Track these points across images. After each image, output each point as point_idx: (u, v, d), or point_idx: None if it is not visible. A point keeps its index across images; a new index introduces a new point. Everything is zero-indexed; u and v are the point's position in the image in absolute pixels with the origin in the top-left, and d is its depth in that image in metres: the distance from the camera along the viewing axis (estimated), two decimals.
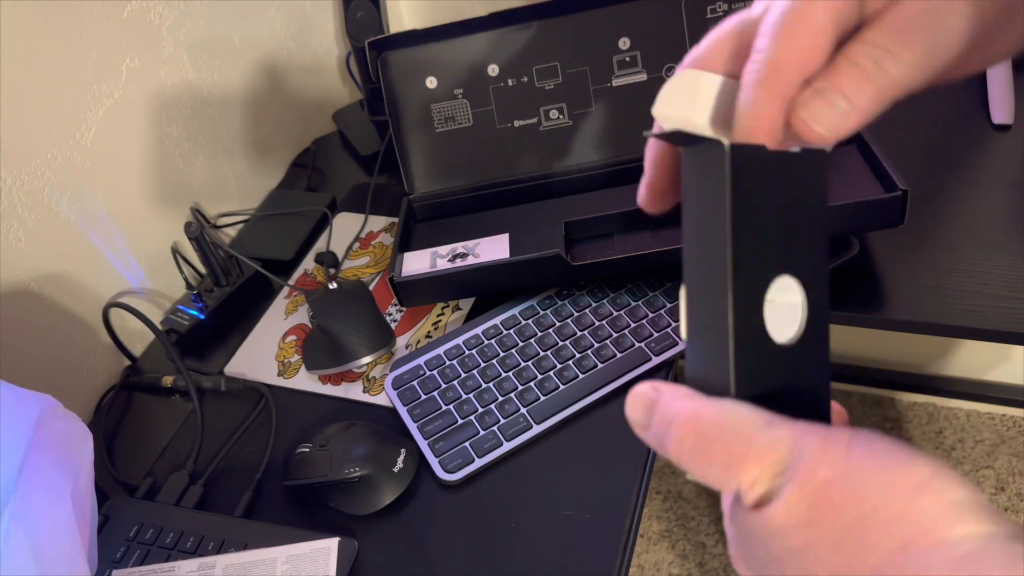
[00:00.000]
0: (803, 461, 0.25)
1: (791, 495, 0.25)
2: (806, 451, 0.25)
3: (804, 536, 0.25)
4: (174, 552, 0.64)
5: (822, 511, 0.25)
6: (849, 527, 0.24)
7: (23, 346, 0.73)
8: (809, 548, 0.25)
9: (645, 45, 0.78)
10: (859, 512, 0.24)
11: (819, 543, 0.25)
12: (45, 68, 0.72)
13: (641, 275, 0.75)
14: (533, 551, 0.61)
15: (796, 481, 0.25)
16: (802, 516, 0.25)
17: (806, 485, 0.25)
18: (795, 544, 0.25)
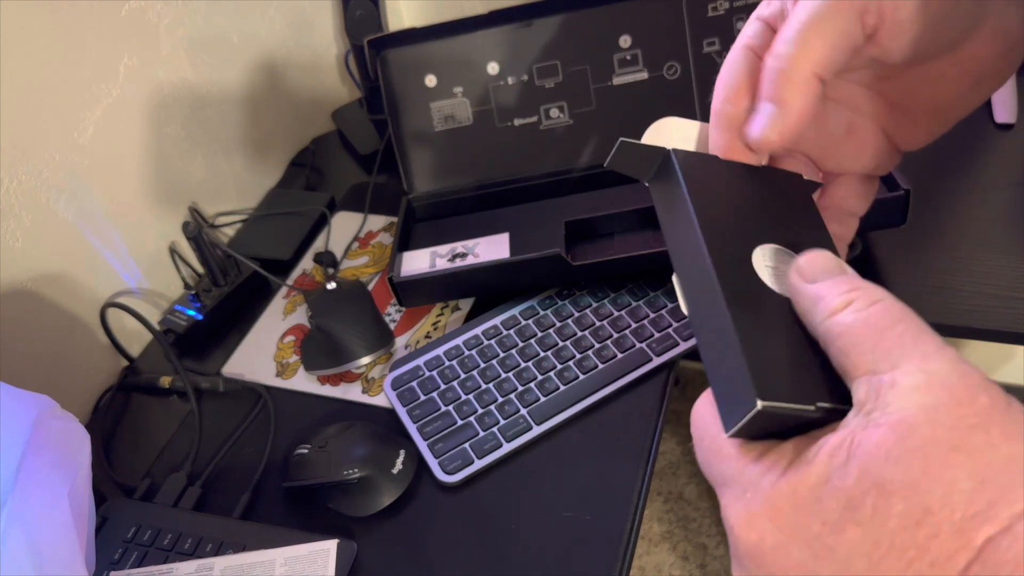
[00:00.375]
0: (963, 387, 0.24)
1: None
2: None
3: (947, 457, 0.23)
4: (172, 553, 0.64)
5: (978, 437, 0.23)
6: (1007, 462, 0.22)
7: (20, 346, 0.73)
8: (952, 469, 0.23)
9: (646, 43, 0.78)
10: (1017, 452, 0.22)
11: (966, 468, 0.23)
12: (43, 67, 0.71)
13: (642, 275, 0.75)
14: (533, 553, 0.60)
15: (955, 403, 0.23)
16: (952, 439, 0.23)
17: (965, 404, 0.23)
18: (930, 462, 0.23)
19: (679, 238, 0.31)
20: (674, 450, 1.51)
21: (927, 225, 0.75)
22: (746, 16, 0.76)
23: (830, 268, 0.28)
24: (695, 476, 1.47)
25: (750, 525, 0.26)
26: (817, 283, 0.28)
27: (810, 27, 0.31)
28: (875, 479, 0.23)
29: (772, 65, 0.31)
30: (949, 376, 0.24)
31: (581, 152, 0.81)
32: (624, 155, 0.34)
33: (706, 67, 0.78)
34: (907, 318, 0.26)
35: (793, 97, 0.31)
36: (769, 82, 0.31)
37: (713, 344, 0.29)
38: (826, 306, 0.27)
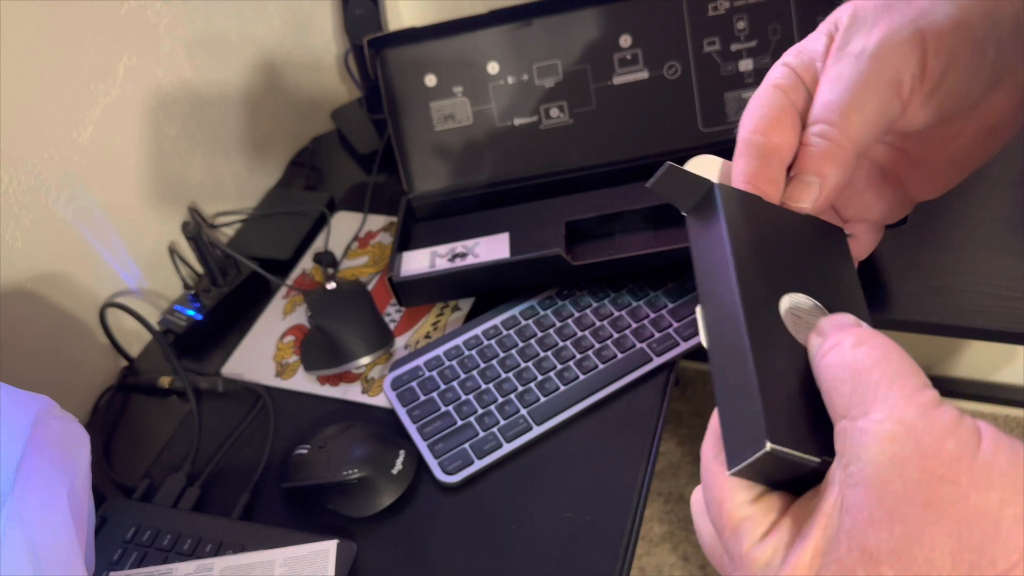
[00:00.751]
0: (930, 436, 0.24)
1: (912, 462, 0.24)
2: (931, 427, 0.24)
3: (920, 516, 0.23)
4: (171, 554, 0.64)
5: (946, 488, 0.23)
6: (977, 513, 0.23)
7: (20, 346, 0.72)
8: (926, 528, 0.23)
9: (646, 43, 0.78)
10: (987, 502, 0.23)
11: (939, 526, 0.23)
12: (42, 66, 0.71)
13: (642, 275, 0.75)
14: (533, 553, 0.60)
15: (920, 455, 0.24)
16: (922, 494, 0.23)
17: (932, 457, 0.23)
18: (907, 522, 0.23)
19: (710, 271, 0.32)
20: (674, 450, 1.51)
21: (928, 225, 0.75)
22: (746, 16, 0.76)
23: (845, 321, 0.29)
24: (695, 477, 1.47)
25: None
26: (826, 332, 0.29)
27: (851, 105, 0.32)
28: (862, 546, 0.24)
29: (815, 142, 0.32)
30: (916, 424, 0.24)
31: (581, 152, 0.80)
32: (668, 180, 0.34)
33: (706, 67, 0.78)
34: (887, 361, 0.26)
35: (834, 174, 0.32)
36: (811, 157, 0.33)
37: (729, 382, 0.29)
38: (823, 347, 0.28)
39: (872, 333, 0.27)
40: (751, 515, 0.28)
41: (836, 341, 0.27)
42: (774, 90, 0.35)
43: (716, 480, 0.29)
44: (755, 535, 0.27)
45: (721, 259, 0.31)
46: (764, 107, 0.34)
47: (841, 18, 0.34)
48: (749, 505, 0.28)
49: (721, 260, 0.31)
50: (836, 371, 0.27)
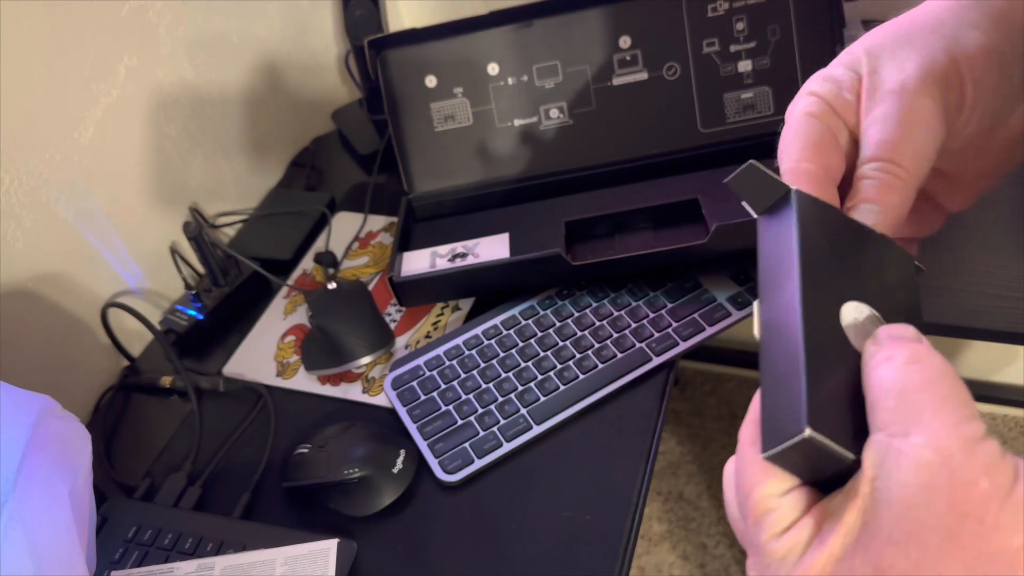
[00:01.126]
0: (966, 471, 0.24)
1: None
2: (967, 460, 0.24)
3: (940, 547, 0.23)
4: (172, 553, 0.64)
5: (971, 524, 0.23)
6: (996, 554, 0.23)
7: (21, 346, 0.73)
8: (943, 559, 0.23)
9: (646, 44, 0.78)
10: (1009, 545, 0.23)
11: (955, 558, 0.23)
12: (43, 67, 0.71)
13: (642, 275, 0.75)
14: (533, 552, 0.60)
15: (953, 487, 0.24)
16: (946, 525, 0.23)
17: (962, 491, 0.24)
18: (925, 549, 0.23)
19: (775, 270, 0.32)
20: (674, 450, 1.51)
21: None
22: (745, 17, 0.76)
23: (905, 336, 0.29)
24: (695, 476, 1.47)
25: None
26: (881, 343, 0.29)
27: (905, 140, 0.32)
28: (876, 563, 0.24)
29: (875, 175, 0.32)
30: (954, 456, 0.24)
31: (581, 152, 0.81)
32: (747, 178, 0.34)
33: (706, 67, 0.78)
34: (937, 384, 0.26)
35: (896, 204, 0.32)
36: (872, 188, 0.32)
37: (777, 372, 0.29)
38: (875, 359, 0.28)
39: (929, 352, 0.27)
40: (776, 508, 0.28)
41: (890, 354, 0.27)
42: (810, 118, 0.35)
43: (749, 466, 0.29)
44: (776, 529, 0.27)
45: (788, 258, 0.31)
46: (805, 135, 0.34)
47: (861, 56, 0.35)
48: (776, 498, 0.28)
49: (788, 259, 0.31)
50: (885, 383, 0.27)
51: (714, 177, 0.77)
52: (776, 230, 0.33)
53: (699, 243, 0.68)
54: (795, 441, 0.27)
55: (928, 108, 0.32)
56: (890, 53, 0.33)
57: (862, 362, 0.29)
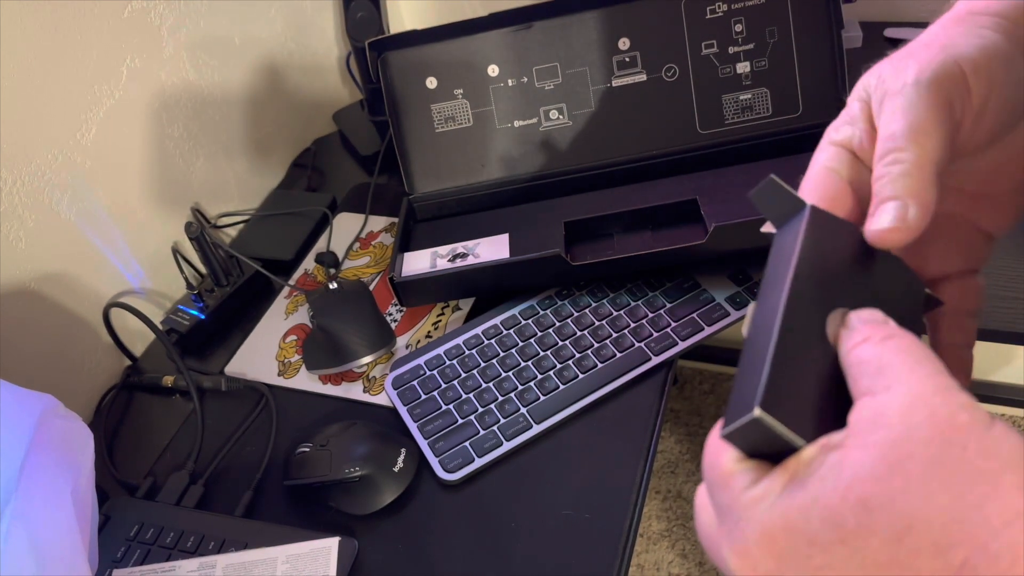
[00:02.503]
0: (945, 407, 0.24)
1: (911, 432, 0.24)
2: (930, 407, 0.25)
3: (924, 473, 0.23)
4: (174, 552, 0.64)
5: (954, 451, 0.23)
6: (977, 476, 0.23)
7: (24, 346, 0.73)
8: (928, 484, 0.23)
9: (645, 45, 0.78)
10: (990, 468, 0.23)
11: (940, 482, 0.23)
12: (46, 68, 0.72)
13: (641, 275, 0.75)
14: (533, 550, 0.61)
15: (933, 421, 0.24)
16: (929, 454, 0.24)
17: (943, 423, 0.24)
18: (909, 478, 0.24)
19: (773, 278, 0.32)
20: (673, 448, 1.51)
21: None
22: (744, 19, 0.76)
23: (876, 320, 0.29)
24: (693, 474, 1.48)
25: (744, 556, 0.26)
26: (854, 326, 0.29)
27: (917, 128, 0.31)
28: (859, 495, 0.24)
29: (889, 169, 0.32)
30: (933, 397, 0.25)
31: (580, 153, 0.81)
32: (768, 192, 0.34)
33: (704, 69, 0.78)
34: (911, 350, 0.27)
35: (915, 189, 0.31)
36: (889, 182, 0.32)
37: (747, 363, 0.30)
38: (852, 339, 0.28)
39: (902, 331, 0.28)
40: (744, 469, 0.28)
41: (867, 335, 0.28)
42: (827, 173, 0.35)
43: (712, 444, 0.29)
44: (746, 481, 0.27)
45: (785, 265, 0.32)
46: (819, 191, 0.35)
47: (870, 81, 0.35)
48: (742, 462, 0.28)
49: (785, 265, 0.32)
50: (864, 359, 0.27)
51: (713, 178, 0.77)
52: (785, 240, 0.33)
53: (698, 243, 0.69)
54: (745, 420, 0.27)
55: (935, 98, 0.32)
56: (893, 70, 0.34)
57: (839, 348, 0.29)
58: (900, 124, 0.32)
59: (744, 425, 0.27)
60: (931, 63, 0.32)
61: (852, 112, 0.35)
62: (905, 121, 0.32)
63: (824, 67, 0.77)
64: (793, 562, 0.25)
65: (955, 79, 0.32)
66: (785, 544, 0.25)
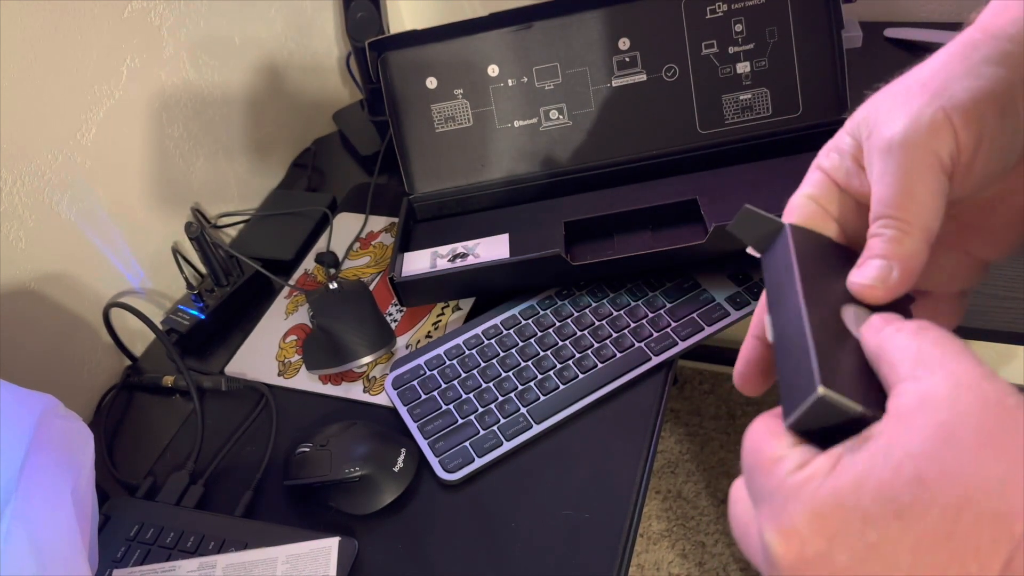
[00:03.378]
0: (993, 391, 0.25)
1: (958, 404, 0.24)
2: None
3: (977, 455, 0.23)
4: (174, 552, 0.64)
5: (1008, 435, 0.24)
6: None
7: (24, 346, 0.73)
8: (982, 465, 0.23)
9: (645, 45, 0.78)
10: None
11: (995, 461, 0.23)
12: (46, 68, 0.72)
13: (641, 275, 0.75)
14: (533, 550, 0.61)
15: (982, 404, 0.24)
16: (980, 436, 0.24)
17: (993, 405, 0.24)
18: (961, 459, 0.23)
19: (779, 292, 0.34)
20: (673, 448, 1.51)
21: None
22: (744, 19, 0.76)
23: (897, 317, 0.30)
24: (693, 474, 1.48)
25: (790, 537, 0.26)
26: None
27: (904, 195, 0.32)
28: (913, 472, 0.24)
29: (881, 232, 0.33)
30: (980, 383, 0.25)
31: (580, 153, 0.81)
32: (745, 221, 0.36)
33: (704, 69, 0.78)
34: (950, 341, 0.27)
35: (904, 256, 0.32)
36: (878, 243, 0.33)
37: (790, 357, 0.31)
38: (885, 326, 0.29)
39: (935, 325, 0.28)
40: (787, 455, 0.28)
41: (900, 326, 0.28)
42: (804, 200, 0.36)
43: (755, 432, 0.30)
44: (792, 465, 0.27)
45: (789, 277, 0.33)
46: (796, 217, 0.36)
47: (864, 119, 0.35)
48: (788, 448, 0.28)
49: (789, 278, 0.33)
50: (901, 346, 0.28)
51: (713, 178, 0.78)
52: (776, 260, 0.35)
53: (698, 243, 0.69)
54: (811, 400, 0.28)
55: (922, 160, 0.32)
56: (885, 114, 0.34)
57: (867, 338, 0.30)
58: (890, 189, 0.33)
59: (810, 406, 0.28)
60: (921, 116, 0.32)
61: (841, 145, 0.36)
62: (896, 185, 0.32)
63: (824, 67, 0.77)
64: (846, 540, 0.24)
65: (943, 134, 0.32)
66: (837, 522, 0.25)
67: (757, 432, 0.29)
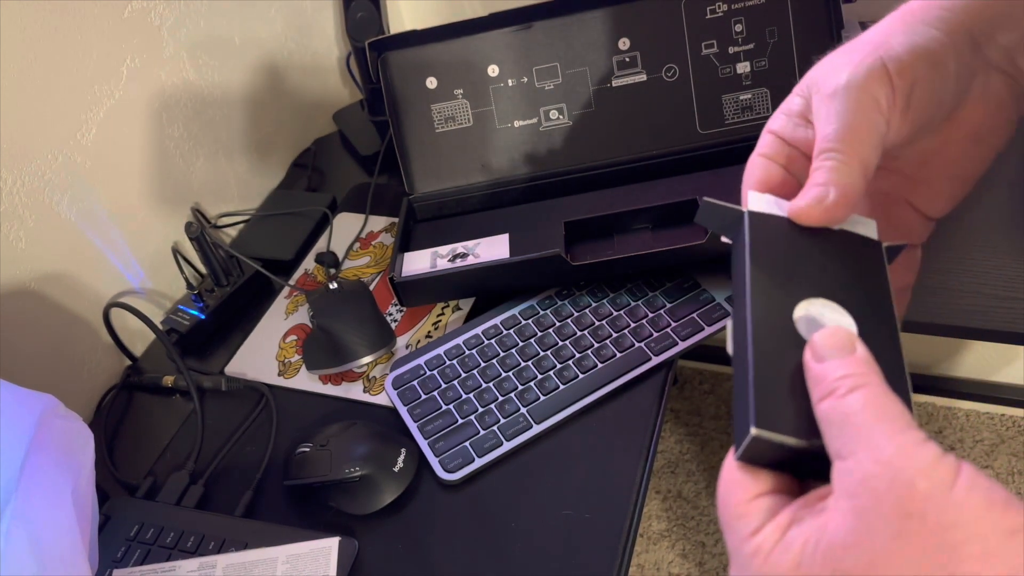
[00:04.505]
0: (905, 474, 0.26)
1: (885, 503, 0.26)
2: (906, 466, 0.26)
3: (887, 545, 0.26)
4: (175, 552, 0.64)
5: (914, 523, 0.25)
6: (937, 547, 0.25)
7: (24, 346, 0.73)
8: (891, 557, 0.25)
9: (645, 46, 0.78)
10: (950, 539, 0.25)
11: (902, 555, 0.25)
12: (46, 68, 0.72)
13: (641, 275, 0.75)
14: (533, 551, 0.61)
15: (894, 491, 0.26)
16: (892, 526, 0.26)
17: (903, 493, 0.26)
18: (875, 550, 0.26)
19: (737, 287, 0.35)
20: (673, 448, 1.51)
21: None
22: (744, 19, 0.76)
23: (840, 347, 0.31)
24: (693, 475, 1.48)
25: None
26: (823, 362, 0.30)
27: (846, 130, 0.35)
28: (835, 567, 0.26)
29: (822, 163, 0.36)
30: (893, 462, 0.26)
31: (580, 153, 0.81)
32: (708, 213, 0.38)
33: (704, 69, 0.78)
34: (872, 403, 0.28)
35: (843, 183, 0.35)
36: (819, 171, 0.35)
37: (738, 381, 0.32)
38: (819, 390, 0.30)
39: (864, 373, 0.29)
40: (745, 514, 0.30)
41: (831, 388, 0.29)
42: (759, 159, 0.39)
43: (724, 475, 0.32)
44: (746, 532, 0.30)
45: (742, 275, 0.34)
46: (752, 175, 0.39)
47: (812, 78, 0.39)
48: (746, 504, 0.31)
49: (742, 275, 0.34)
50: (830, 415, 0.29)
51: (713, 178, 0.78)
52: (737, 252, 0.36)
53: (697, 243, 0.69)
54: (748, 441, 0.30)
55: (862, 100, 0.36)
56: (831, 69, 0.38)
57: (809, 384, 0.31)
58: (833, 126, 0.36)
59: (748, 445, 0.30)
60: (861, 65, 0.36)
61: (791, 106, 0.40)
62: (838, 123, 0.36)
63: None
64: None
65: (881, 80, 0.36)
66: None
67: (725, 477, 0.32)
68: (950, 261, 0.73)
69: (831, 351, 0.30)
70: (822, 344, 0.31)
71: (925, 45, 0.37)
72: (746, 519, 0.30)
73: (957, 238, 0.75)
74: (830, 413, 0.29)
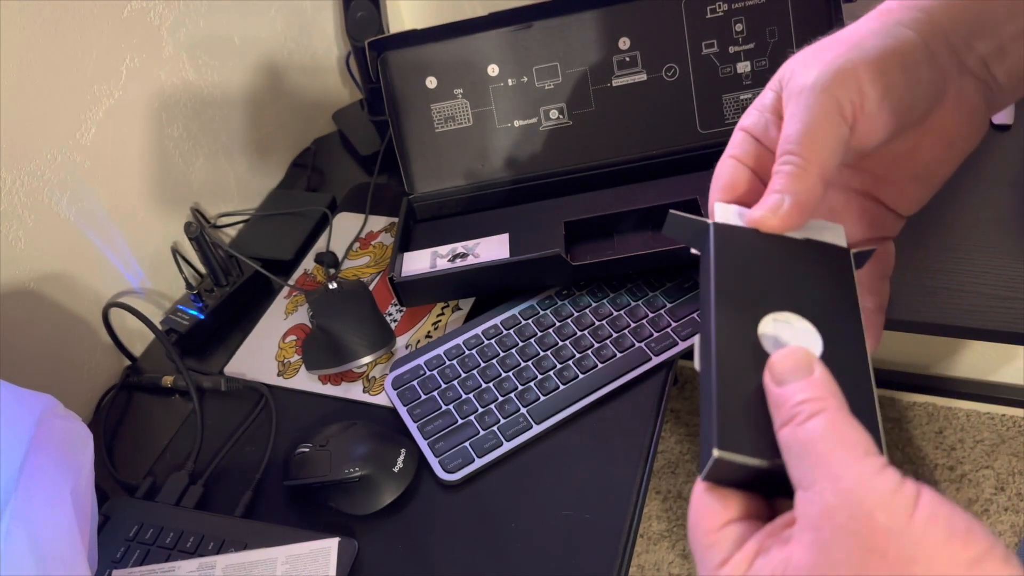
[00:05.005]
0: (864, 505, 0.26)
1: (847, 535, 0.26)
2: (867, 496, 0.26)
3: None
4: (174, 552, 0.64)
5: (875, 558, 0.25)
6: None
7: (23, 346, 0.73)
8: None
9: (645, 45, 0.78)
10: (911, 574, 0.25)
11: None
12: (45, 68, 0.72)
13: (641, 275, 0.75)
14: (533, 551, 0.61)
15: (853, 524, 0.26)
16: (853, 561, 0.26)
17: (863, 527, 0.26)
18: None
19: (704, 303, 0.34)
20: (673, 449, 1.51)
21: (925, 225, 0.76)
22: (744, 18, 0.76)
23: (798, 369, 0.30)
24: (693, 475, 1.48)
25: None
26: (782, 386, 0.30)
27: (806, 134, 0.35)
28: None
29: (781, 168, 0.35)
30: (852, 493, 0.26)
31: (580, 153, 0.81)
32: (675, 226, 0.38)
33: (704, 69, 0.78)
34: (831, 430, 0.28)
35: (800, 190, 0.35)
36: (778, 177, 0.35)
37: (706, 398, 0.32)
38: (778, 416, 0.30)
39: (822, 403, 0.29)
40: (714, 543, 0.30)
41: (791, 415, 0.29)
42: (728, 160, 0.40)
43: (694, 501, 0.32)
44: (715, 562, 0.30)
45: (707, 287, 0.34)
46: (720, 177, 0.40)
47: (784, 73, 0.38)
48: (715, 533, 0.31)
49: (707, 288, 0.34)
50: (791, 444, 0.29)
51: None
52: (704, 265, 0.36)
53: None
54: (711, 463, 0.30)
55: (825, 104, 0.35)
56: (802, 65, 0.37)
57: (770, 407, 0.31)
58: (795, 127, 0.36)
59: (711, 467, 0.30)
60: (831, 66, 0.36)
61: (764, 101, 0.39)
62: (800, 125, 0.35)
63: None
64: None
65: (849, 83, 0.35)
66: None
67: (694, 503, 0.32)
68: (949, 261, 0.73)
69: (789, 373, 0.30)
70: (780, 367, 0.31)
71: (899, 48, 0.36)
72: (715, 549, 0.30)
73: (956, 238, 0.75)
74: (790, 441, 0.29)
